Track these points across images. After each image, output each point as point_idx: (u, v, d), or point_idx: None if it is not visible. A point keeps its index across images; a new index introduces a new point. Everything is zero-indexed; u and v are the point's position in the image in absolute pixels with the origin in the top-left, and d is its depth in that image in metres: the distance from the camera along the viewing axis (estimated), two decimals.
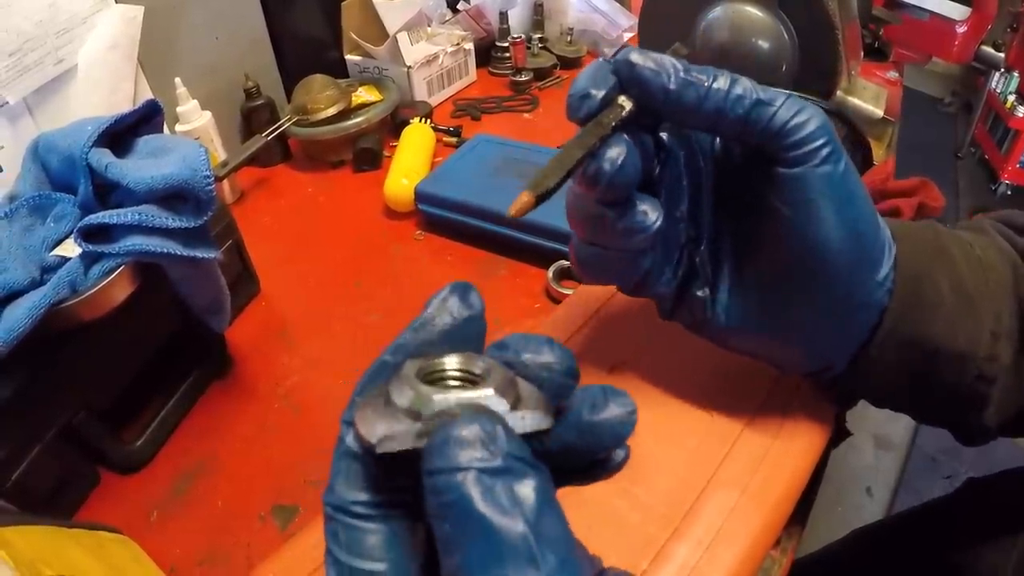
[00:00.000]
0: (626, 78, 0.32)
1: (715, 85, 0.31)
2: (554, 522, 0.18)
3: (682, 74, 0.31)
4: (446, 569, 0.18)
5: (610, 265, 0.37)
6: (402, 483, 0.20)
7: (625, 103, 0.32)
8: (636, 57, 0.32)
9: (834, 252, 0.33)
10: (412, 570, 0.20)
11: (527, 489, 0.18)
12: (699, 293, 0.38)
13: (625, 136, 0.32)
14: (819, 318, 0.36)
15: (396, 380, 0.20)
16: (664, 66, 0.31)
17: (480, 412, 0.19)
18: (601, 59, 0.34)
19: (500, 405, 0.19)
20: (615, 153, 0.32)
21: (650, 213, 0.34)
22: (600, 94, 0.32)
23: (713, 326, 0.39)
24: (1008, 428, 0.39)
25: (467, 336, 0.23)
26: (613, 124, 0.32)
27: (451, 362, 0.21)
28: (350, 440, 0.20)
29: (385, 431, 0.19)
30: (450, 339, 0.22)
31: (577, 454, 0.21)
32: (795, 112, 0.31)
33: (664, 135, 0.35)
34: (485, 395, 0.19)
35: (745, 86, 0.31)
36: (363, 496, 0.20)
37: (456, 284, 0.23)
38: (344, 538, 0.20)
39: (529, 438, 0.20)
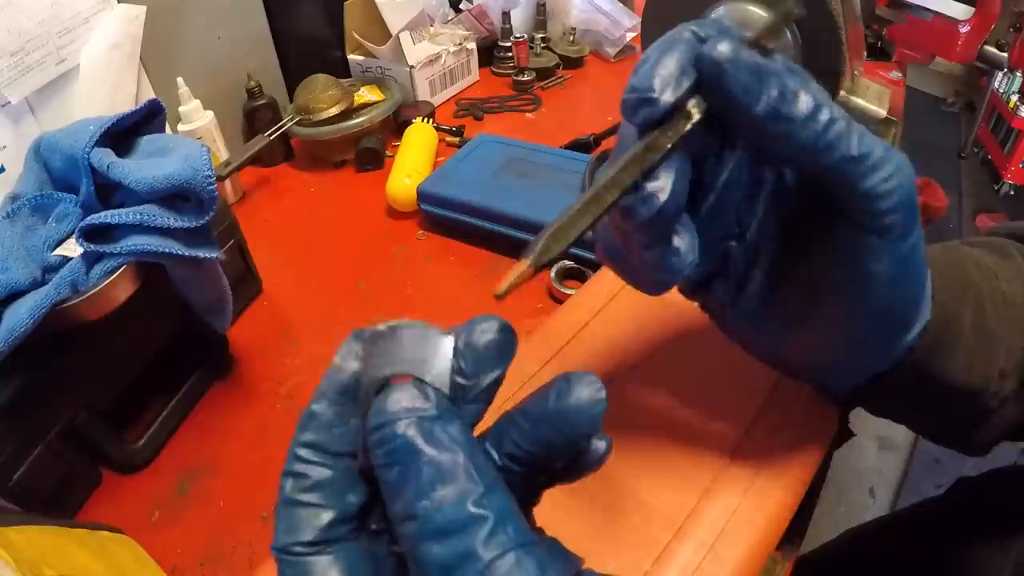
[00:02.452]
0: (708, 79, 0.26)
1: (812, 125, 0.26)
2: (480, 455, 0.20)
3: (777, 100, 0.25)
4: (395, 514, 0.20)
5: (632, 274, 0.33)
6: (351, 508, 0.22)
7: (694, 111, 0.26)
8: (729, 59, 0.25)
9: (872, 317, 0.31)
10: None
11: (457, 430, 0.20)
12: (722, 295, 0.35)
13: (677, 162, 0.27)
14: (834, 357, 0.34)
15: None
16: (764, 81, 0.25)
17: (408, 379, 0.21)
18: (684, 34, 0.27)
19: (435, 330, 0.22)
20: (658, 188, 0.26)
21: (684, 253, 0.28)
22: (670, 100, 0.26)
23: (729, 323, 0.36)
24: (1003, 439, 0.40)
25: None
26: (669, 146, 0.26)
27: None
28: (288, 489, 0.22)
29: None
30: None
31: (557, 449, 0.22)
32: (886, 177, 0.27)
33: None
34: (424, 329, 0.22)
35: (840, 131, 0.26)
36: (303, 537, 0.22)
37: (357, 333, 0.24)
38: (292, 574, 0.22)
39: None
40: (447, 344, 0.22)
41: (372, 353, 0.22)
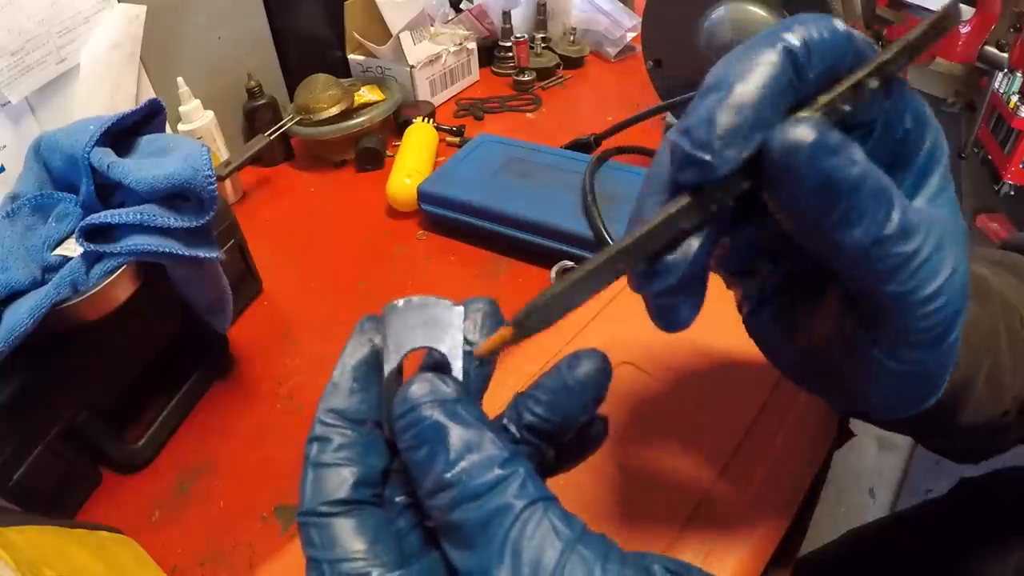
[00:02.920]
0: (768, 173, 0.21)
1: (872, 254, 0.22)
2: (498, 430, 0.22)
3: (839, 223, 0.21)
4: (426, 490, 0.21)
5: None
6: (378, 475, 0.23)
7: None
8: (805, 158, 0.20)
9: (881, 398, 0.28)
10: (387, 543, 0.22)
11: (476, 409, 0.22)
12: (749, 293, 0.31)
13: (708, 236, 0.23)
14: (842, 400, 0.32)
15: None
16: (833, 200, 0.21)
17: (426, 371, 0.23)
18: (770, 54, 0.21)
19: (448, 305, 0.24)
20: (676, 263, 0.23)
21: (684, 316, 0.26)
22: (729, 168, 0.21)
23: (746, 322, 0.32)
24: (1002, 452, 0.40)
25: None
26: (704, 217, 0.22)
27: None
28: (314, 453, 0.23)
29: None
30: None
31: (572, 416, 0.24)
32: (929, 312, 0.23)
33: None
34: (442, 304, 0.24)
35: (900, 263, 0.22)
36: (329, 496, 0.22)
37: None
38: (318, 537, 0.22)
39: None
40: (458, 315, 0.24)
41: (392, 325, 0.24)
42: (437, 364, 0.24)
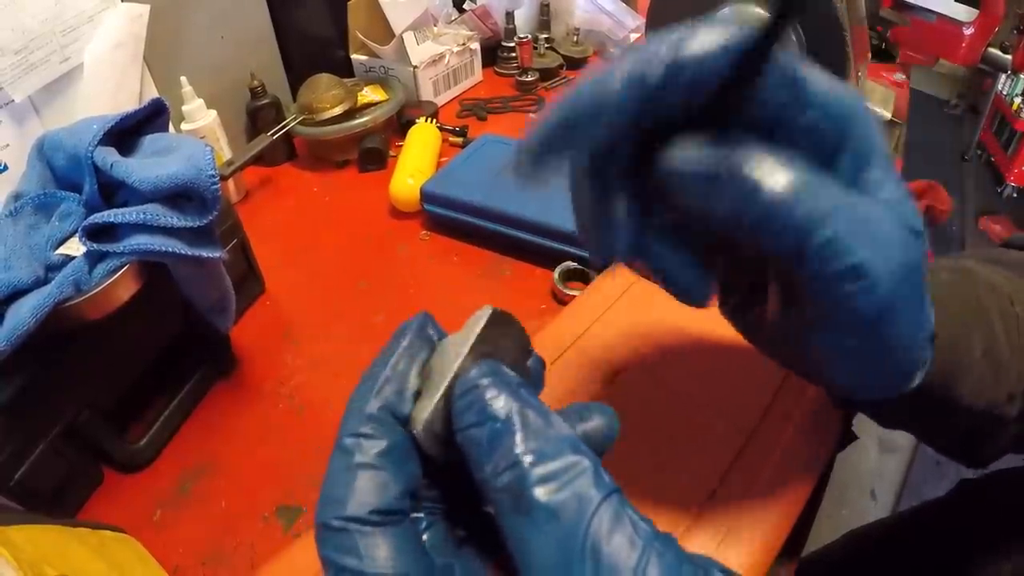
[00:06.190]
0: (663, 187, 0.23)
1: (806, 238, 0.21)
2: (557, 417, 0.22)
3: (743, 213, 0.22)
4: (491, 471, 0.20)
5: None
6: (418, 480, 0.22)
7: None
8: (682, 170, 0.23)
9: (847, 389, 0.28)
10: (418, 557, 0.21)
11: (536, 399, 0.21)
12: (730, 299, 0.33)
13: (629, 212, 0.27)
14: (837, 388, 0.32)
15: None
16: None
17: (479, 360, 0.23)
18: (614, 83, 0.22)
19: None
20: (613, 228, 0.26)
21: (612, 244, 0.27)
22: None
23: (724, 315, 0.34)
24: (1007, 452, 0.40)
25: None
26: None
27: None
28: (360, 453, 0.21)
29: (420, 415, 0.22)
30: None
31: None
32: (860, 306, 0.22)
33: None
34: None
35: (814, 256, 0.22)
36: (372, 506, 0.20)
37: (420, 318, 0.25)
38: (352, 545, 0.20)
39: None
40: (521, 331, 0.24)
41: (479, 330, 0.23)
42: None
